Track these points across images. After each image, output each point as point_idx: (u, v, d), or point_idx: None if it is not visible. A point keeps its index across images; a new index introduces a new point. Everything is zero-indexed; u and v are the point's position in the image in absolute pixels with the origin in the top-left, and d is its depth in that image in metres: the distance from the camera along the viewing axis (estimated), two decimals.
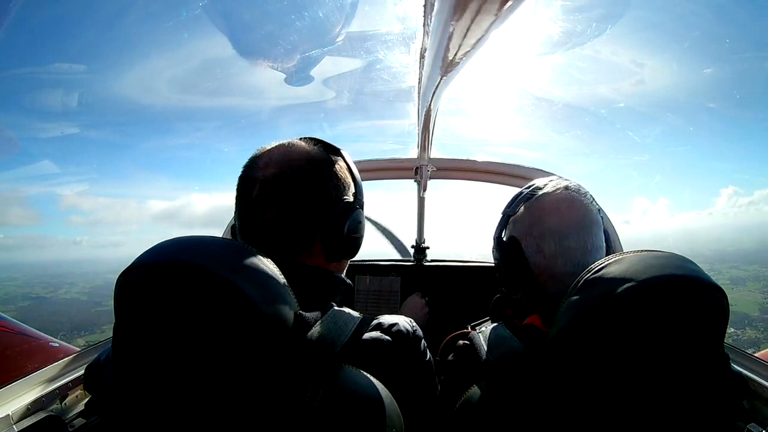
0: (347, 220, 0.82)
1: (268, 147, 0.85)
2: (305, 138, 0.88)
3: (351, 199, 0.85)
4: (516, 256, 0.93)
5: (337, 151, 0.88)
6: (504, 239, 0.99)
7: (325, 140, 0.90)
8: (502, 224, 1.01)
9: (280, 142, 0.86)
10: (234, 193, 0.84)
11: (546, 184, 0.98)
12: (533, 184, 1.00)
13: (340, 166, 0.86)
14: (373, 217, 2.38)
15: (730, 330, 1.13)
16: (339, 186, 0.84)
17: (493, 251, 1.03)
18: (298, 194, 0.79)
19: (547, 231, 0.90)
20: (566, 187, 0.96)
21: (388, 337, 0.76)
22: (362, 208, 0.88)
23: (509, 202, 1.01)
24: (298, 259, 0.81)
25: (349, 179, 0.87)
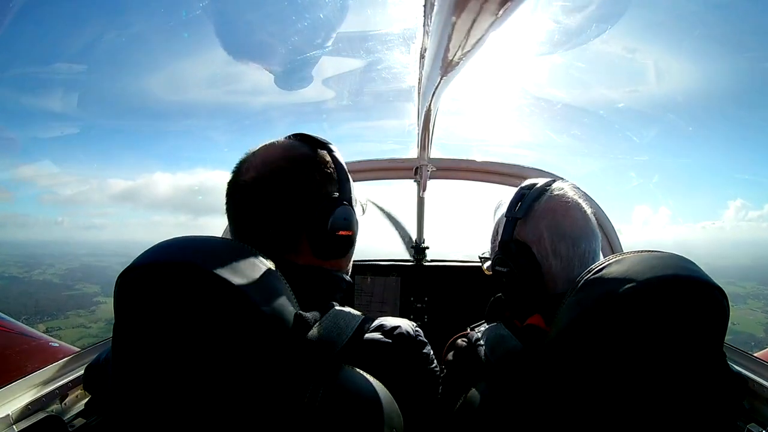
0: (330, 217, 0.79)
1: (252, 150, 0.84)
2: (291, 135, 0.87)
3: (336, 195, 0.82)
4: (527, 260, 0.89)
5: (322, 146, 0.85)
6: (512, 244, 0.93)
7: (312, 135, 0.87)
8: (510, 227, 0.94)
9: (265, 143, 0.85)
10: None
11: (548, 186, 0.95)
12: (533, 185, 0.96)
13: (325, 162, 0.83)
14: (379, 203, 2.24)
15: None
16: (322, 182, 0.81)
17: (496, 257, 0.97)
18: (276, 195, 0.77)
19: (562, 235, 0.88)
20: (571, 189, 0.95)
21: (389, 339, 0.76)
22: (350, 204, 0.84)
23: (512, 205, 0.96)
24: (285, 258, 0.78)
25: (335, 174, 0.84)
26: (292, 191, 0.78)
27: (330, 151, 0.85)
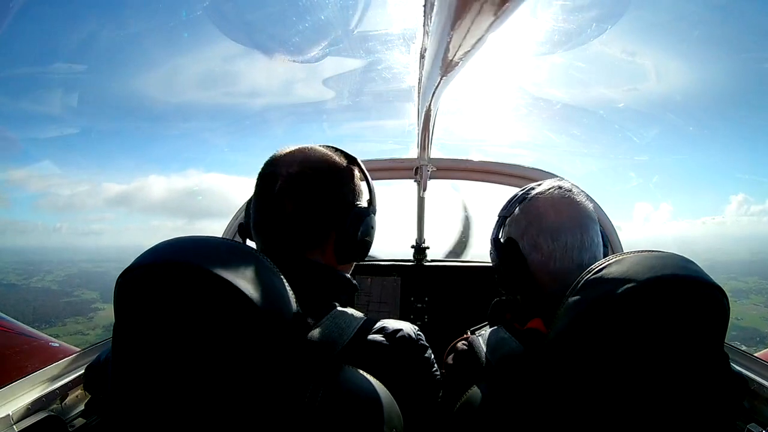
0: (361, 225, 0.85)
1: (288, 149, 0.89)
2: (324, 145, 0.93)
3: (365, 205, 0.90)
4: (514, 255, 0.93)
5: (354, 160, 0.93)
6: (501, 240, 1.00)
7: (342, 149, 0.94)
8: (499, 226, 1.02)
9: (302, 146, 0.90)
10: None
11: (540, 185, 0.99)
12: (528, 186, 1.01)
13: (356, 174, 0.91)
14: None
15: (741, 348, 1.14)
16: (355, 191, 0.89)
17: (490, 253, 1.04)
18: (317, 192, 0.83)
19: (542, 228, 0.91)
20: (559, 187, 0.97)
21: (390, 342, 0.76)
22: (375, 215, 0.92)
23: (505, 204, 1.03)
24: (308, 256, 0.84)
25: (364, 186, 0.93)
26: (331, 193, 0.84)
27: (359, 166, 0.92)
